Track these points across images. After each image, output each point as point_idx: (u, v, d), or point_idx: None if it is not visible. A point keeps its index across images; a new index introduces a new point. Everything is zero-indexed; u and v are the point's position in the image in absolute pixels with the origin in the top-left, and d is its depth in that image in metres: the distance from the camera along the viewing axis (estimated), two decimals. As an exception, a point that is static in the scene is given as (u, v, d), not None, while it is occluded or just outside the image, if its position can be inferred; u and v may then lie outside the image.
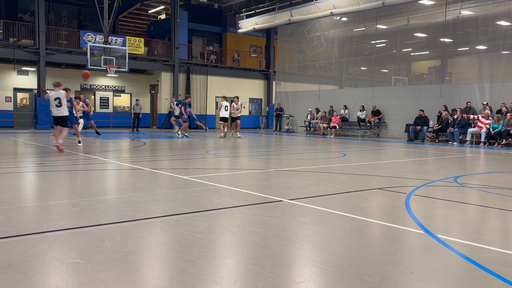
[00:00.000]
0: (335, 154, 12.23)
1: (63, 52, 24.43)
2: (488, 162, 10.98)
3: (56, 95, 11.08)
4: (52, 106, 11.14)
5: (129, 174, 7.55)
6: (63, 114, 11.14)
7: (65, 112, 11.15)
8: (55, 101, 11.06)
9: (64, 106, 11.10)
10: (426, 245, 3.56)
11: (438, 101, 18.91)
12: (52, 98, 11.09)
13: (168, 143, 15.48)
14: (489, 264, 3.06)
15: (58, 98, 11.06)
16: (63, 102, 11.07)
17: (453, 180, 7.18)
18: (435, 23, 21.79)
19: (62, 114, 11.12)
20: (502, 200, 5.67)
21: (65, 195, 5.41)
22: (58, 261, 3.02)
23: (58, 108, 11.07)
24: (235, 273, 2.91)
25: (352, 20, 24.60)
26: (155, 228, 4.02)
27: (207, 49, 31.31)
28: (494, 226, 4.42)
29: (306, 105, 25.39)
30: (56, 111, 11.09)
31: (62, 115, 11.13)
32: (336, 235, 3.81)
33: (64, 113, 11.13)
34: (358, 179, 7.29)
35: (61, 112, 11.11)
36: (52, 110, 11.16)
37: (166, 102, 28.29)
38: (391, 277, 2.83)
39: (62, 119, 11.16)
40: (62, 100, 11.07)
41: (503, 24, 19.37)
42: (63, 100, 11.10)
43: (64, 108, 11.11)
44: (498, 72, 19.57)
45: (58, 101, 11.04)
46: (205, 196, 5.40)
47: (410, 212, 4.65)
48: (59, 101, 11.04)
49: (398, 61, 27.15)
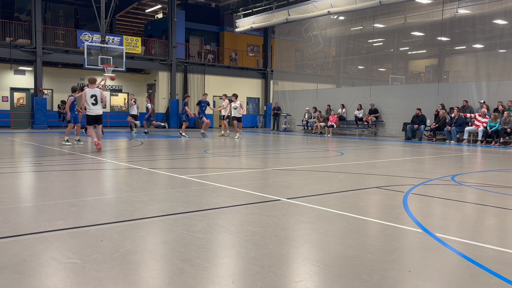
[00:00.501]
0: (332, 153, 12.23)
1: (60, 52, 24.37)
2: (486, 161, 11.00)
3: (92, 92, 10.55)
4: (87, 104, 10.61)
5: (126, 173, 7.53)
6: (99, 113, 10.71)
7: (100, 110, 10.73)
8: (91, 99, 10.53)
9: (100, 104, 10.65)
10: (424, 243, 3.57)
11: (435, 99, 18.95)
12: (88, 96, 10.53)
13: (165, 143, 15.46)
14: (487, 262, 3.07)
15: (95, 95, 10.54)
16: (99, 100, 10.60)
17: (450, 178, 7.19)
18: (432, 21, 21.82)
19: (98, 113, 10.69)
20: (500, 198, 5.68)
21: (62, 195, 5.40)
22: (56, 261, 3.01)
23: (95, 106, 10.58)
24: (234, 272, 2.90)
25: (349, 19, 24.60)
26: (153, 227, 4.01)
27: (205, 48, 31.28)
28: (491, 224, 4.44)
29: (303, 104, 25.40)
30: (93, 110, 10.58)
31: (98, 113, 10.69)
32: (334, 234, 3.81)
33: (100, 111, 10.70)
34: (355, 178, 7.30)
35: (98, 111, 10.66)
36: (88, 109, 10.63)
37: (164, 101, 28.25)
38: (389, 275, 2.83)
39: (99, 117, 10.74)
40: (98, 98, 10.58)
41: (500, 22, 19.41)
42: (99, 98, 10.63)
43: (100, 107, 10.68)
44: (495, 70, 19.61)
45: (94, 98, 10.54)
46: (203, 196, 5.39)
47: (408, 211, 4.65)
48: (95, 98, 10.54)
49: (396, 60, 27.18)
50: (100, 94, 10.70)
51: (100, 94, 10.70)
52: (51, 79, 25.80)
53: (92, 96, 10.53)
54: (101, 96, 10.76)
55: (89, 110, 10.63)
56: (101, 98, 10.73)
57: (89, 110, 10.65)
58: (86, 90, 10.73)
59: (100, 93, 10.73)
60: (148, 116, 20.12)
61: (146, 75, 29.47)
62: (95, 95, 10.56)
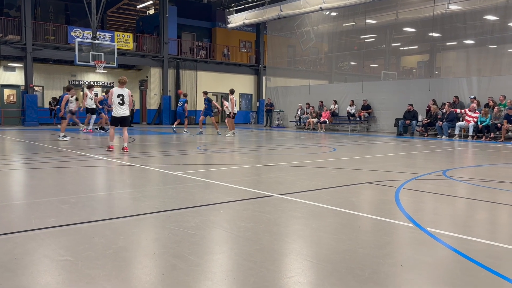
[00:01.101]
0: (325, 149, 12.27)
1: (51, 48, 24.13)
2: (476, 156, 11.10)
3: (120, 92, 10.16)
4: (114, 105, 10.22)
5: (119, 170, 7.50)
6: (126, 114, 10.31)
7: (127, 111, 10.33)
8: (118, 98, 10.12)
9: (126, 105, 10.26)
10: (416, 238, 3.60)
11: (427, 95, 19.04)
12: (115, 95, 10.14)
13: (158, 139, 15.41)
14: (477, 256, 3.10)
15: (122, 95, 10.15)
16: (126, 100, 10.19)
17: (442, 173, 7.24)
18: (424, 17, 21.89)
19: (124, 114, 10.28)
20: (490, 192, 5.74)
21: (54, 192, 5.36)
22: (48, 258, 3.00)
23: (121, 107, 10.19)
24: (227, 268, 2.91)
25: (341, 15, 24.62)
26: (146, 224, 4.01)
27: (197, 44, 31.15)
28: (482, 218, 4.48)
29: (296, 100, 25.41)
30: (119, 110, 10.22)
31: (124, 115, 10.29)
32: (327, 229, 3.83)
33: (126, 112, 10.31)
34: (348, 173, 7.33)
35: (124, 112, 10.26)
36: (114, 110, 10.28)
37: (156, 97, 28.13)
38: (382, 270, 2.85)
39: (124, 119, 10.35)
40: (125, 98, 10.18)
41: (491, 18, 19.52)
42: (126, 98, 10.21)
43: (126, 107, 10.29)
44: (485, 66, 19.74)
45: (121, 98, 10.13)
46: (195, 192, 5.39)
47: (399, 206, 4.68)
48: (122, 98, 10.14)
49: (387, 56, 27.26)
50: (128, 94, 10.29)
51: (128, 94, 10.29)
52: (42, 75, 25.57)
53: (119, 96, 10.15)
54: (129, 97, 10.34)
55: (115, 110, 10.29)
56: (129, 99, 10.31)
57: (114, 111, 10.31)
58: (113, 89, 10.40)
59: (128, 94, 10.30)
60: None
61: (137, 72, 29.31)
62: (122, 95, 10.16)
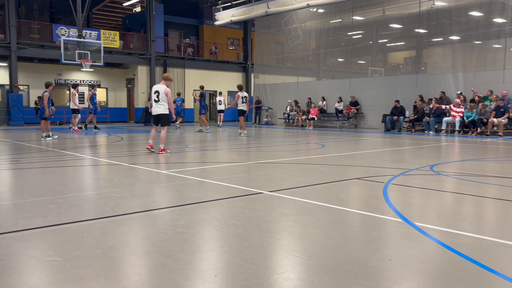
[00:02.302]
0: (314, 146, 12.31)
1: (36, 47, 23.83)
2: (463, 151, 11.23)
3: (156, 88, 9.50)
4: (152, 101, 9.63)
5: (106, 169, 7.44)
6: (160, 112, 9.49)
7: (162, 109, 9.49)
8: (154, 95, 9.45)
9: (162, 102, 9.43)
10: (404, 232, 3.63)
11: (414, 91, 19.20)
12: (152, 91, 9.57)
13: (146, 138, 15.31)
14: (464, 249, 3.14)
15: (157, 91, 9.42)
16: (161, 97, 9.40)
17: (429, 168, 7.32)
18: (410, 14, 22.04)
19: (158, 112, 9.51)
20: (476, 187, 5.81)
21: (41, 192, 5.30)
22: (35, 259, 2.97)
23: (156, 104, 9.47)
24: (216, 266, 2.91)
25: (328, 11, 24.67)
26: (135, 223, 3.98)
27: (184, 42, 31.00)
28: (468, 212, 4.54)
29: (284, 97, 25.44)
30: (153, 108, 9.57)
31: (158, 112, 9.51)
32: (316, 225, 3.85)
33: (161, 110, 9.48)
34: (337, 169, 7.36)
35: (157, 109, 9.50)
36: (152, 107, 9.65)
37: (143, 96, 27.95)
38: (370, 265, 2.87)
39: (160, 116, 9.54)
40: (160, 95, 9.40)
41: (475, 14, 19.74)
42: (162, 95, 9.41)
43: (162, 104, 9.45)
44: (471, 61, 19.96)
45: (157, 95, 9.41)
46: (184, 190, 5.37)
47: (388, 201, 4.72)
48: (158, 95, 9.40)
49: (375, 52, 27.40)
50: (164, 91, 9.43)
51: (164, 91, 9.43)
52: (27, 74, 25.24)
53: (155, 92, 9.46)
54: (165, 93, 9.46)
55: (152, 107, 9.68)
56: (167, 97, 9.50)
57: (152, 107, 9.69)
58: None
59: (165, 91, 9.44)
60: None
61: (124, 70, 29.08)
62: (158, 91, 9.42)
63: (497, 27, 19.05)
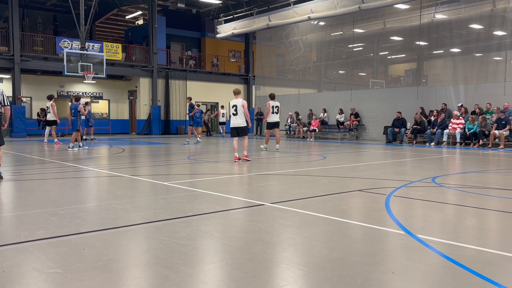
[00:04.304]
0: (315, 157, 12.31)
1: (39, 59, 24.01)
2: (465, 163, 11.21)
3: (234, 102, 10.54)
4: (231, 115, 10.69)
5: (108, 181, 7.45)
6: (240, 125, 10.52)
7: (241, 121, 10.51)
8: (232, 109, 10.53)
9: (240, 115, 10.45)
10: (407, 245, 3.62)
11: (415, 103, 19.24)
12: (231, 105, 10.62)
13: (148, 149, 15.33)
14: (468, 262, 3.12)
15: (235, 105, 10.46)
16: (239, 111, 10.41)
17: (431, 180, 7.30)
18: (411, 26, 22.20)
19: (238, 125, 10.52)
20: (478, 199, 5.80)
21: (43, 204, 5.30)
22: (37, 271, 2.96)
23: (234, 117, 10.51)
24: (219, 278, 2.90)
25: (329, 24, 24.85)
26: (136, 235, 3.97)
27: (186, 54, 31.19)
28: (471, 224, 4.52)
29: (285, 109, 25.45)
30: (232, 121, 10.58)
31: (238, 125, 10.52)
32: (318, 237, 3.84)
33: (239, 122, 10.50)
34: (338, 181, 7.35)
35: (236, 122, 10.51)
36: (231, 120, 10.70)
37: (145, 108, 28.05)
38: (373, 277, 2.86)
39: (239, 129, 10.57)
40: (238, 108, 10.40)
41: (476, 27, 19.86)
42: (240, 109, 10.41)
43: (240, 117, 10.47)
44: (472, 74, 20.04)
45: (235, 109, 10.46)
46: (186, 202, 5.36)
47: (390, 213, 4.71)
48: (236, 109, 10.44)
49: (375, 64, 27.53)
50: (241, 104, 10.43)
51: (241, 104, 10.43)
52: (30, 86, 25.40)
53: (233, 106, 10.49)
54: (243, 107, 10.45)
55: (231, 120, 10.66)
56: (244, 109, 10.47)
57: (231, 121, 10.68)
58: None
59: (242, 104, 10.44)
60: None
61: (127, 82, 29.24)
62: (235, 106, 10.43)
63: (497, 39, 19.16)
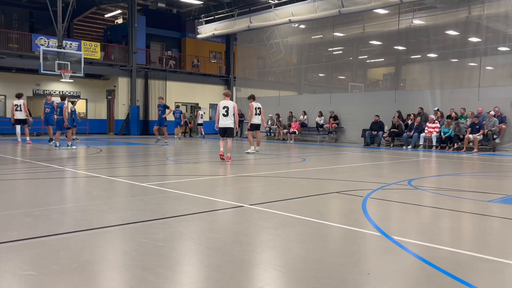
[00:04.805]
0: (294, 159, 12.38)
1: (14, 56, 23.48)
2: (440, 166, 11.44)
3: (225, 104, 10.84)
4: (220, 116, 10.88)
5: (85, 182, 7.34)
6: (228, 125, 10.89)
7: (230, 122, 10.89)
8: (223, 110, 10.82)
9: (230, 117, 10.86)
10: (382, 246, 3.67)
11: (392, 106, 19.53)
12: (221, 107, 10.86)
13: (126, 150, 15.16)
14: (441, 263, 3.19)
15: (226, 107, 10.83)
16: (230, 113, 10.85)
17: (407, 183, 7.43)
18: (389, 31, 22.57)
19: (227, 125, 10.88)
20: (453, 201, 5.93)
21: (17, 204, 5.19)
22: (9, 273, 2.90)
23: (224, 118, 10.83)
24: (196, 280, 2.89)
25: (310, 27, 25.06)
26: (113, 236, 3.93)
27: (166, 54, 30.97)
28: (446, 226, 4.62)
29: (266, 111, 25.43)
30: (222, 121, 10.86)
31: (227, 126, 10.88)
32: (296, 238, 3.86)
33: (229, 123, 10.88)
34: (317, 183, 7.41)
35: (226, 123, 10.86)
36: (220, 121, 10.89)
37: (124, 107, 27.72)
38: (349, 278, 2.90)
39: (227, 130, 10.92)
40: (229, 110, 10.84)
41: (452, 33, 20.33)
42: (231, 110, 10.86)
43: (230, 118, 10.87)
44: (447, 79, 20.49)
45: (226, 110, 10.82)
46: (164, 203, 5.33)
47: (366, 215, 4.77)
48: (227, 110, 10.82)
49: (355, 68, 27.87)
50: (233, 106, 10.90)
51: (233, 106, 10.90)
52: (4, 84, 24.80)
53: (224, 108, 10.83)
54: (234, 109, 10.92)
55: (220, 121, 10.92)
56: (234, 111, 10.92)
57: (220, 121, 10.92)
58: (221, 101, 10.94)
59: (233, 106, 10.92)
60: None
61: (105, 81, 28.84)
62: (227, 107, 10.83)
63: (472, 46, 19.64)
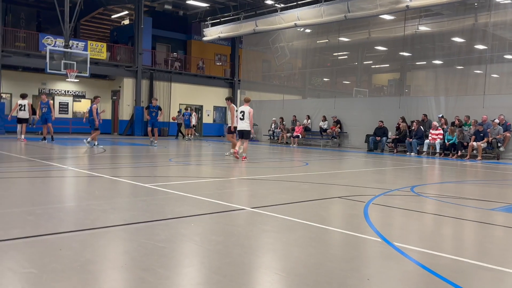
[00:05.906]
0: (297, 163, 12.37)
1: (21, 55, 23.60)
2: (443, 173, 11.41)
3: (242, 109, 11.73)
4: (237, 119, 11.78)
5: (88, 181, 7.36)
6: (245, 128, 11.68)
7: (246, 125, 11.66)
8: (240, 114, 11.69)
9: (246, 120, 11.61)
10: (383, 252, 3.67)
11: (397, 112, 19.50)
12: (239, 111, 11.80)
13: (129, 150, 15.19)
14: (442, 271, 3.18)
15: (243, 111, 11.68)
16: (246, 116, 11.60)
17: (410, 189, 7.41)
18: (395, 37, 22.57)
19: (243, 128, 11.69)
20: (455, 209, 5.91)
21: (19, 203, 5.21)
22: (10, 271, 2.91)
23: (241, 121, 11.66)
24: (196, 281, 2.89)
25: (315, 32, 25.08)
26: (114, 237, 3.94)
27: (171, 56, 31.06)
28: (447, 234, 4.60)
29: (270, 114, 25.58)
30: (239, 124, 11.73)
31: (243, 128, 11.69)
32: (297, 242, 3.86)
33: (245, 126, 11.67)
34: (319, 188, 7.41)
35: (242, 126, 11.68)
36: (238, 123, 11.77)
37: (128, 108, 27.80)
38: (349, 283, 2.89)
39: (244, 132, 11.72)
40: (245, 114, 11.61)
41: (458, 40, 20.30)
42: (247, 115, 11.61)
43: (246, 122, 11.63)
44: (452, 86, 20.44)
45: (242, 114, 11.66)
46: (166, 205, 5.34)
47: (368, 221, 4.77)
48: (243, 114, 11.64)
49: (359, 73, 27.86)
50: (249, 111, 11.70)
51: (249, 111, 11.70)
52: (10, 83, 24.92)
53: (241, 112, 11.73)
54: (249, 113, 11.68)
55: (238, 124, 11.80)
56: (249, 115, 11.68)
57: (238, 124, 11.82)
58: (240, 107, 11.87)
59: (249, 111, 11.71)
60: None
61: (110, 81, 28.94)
62: (243, 111, 11.70)
63: (478, 53, 19.61)
